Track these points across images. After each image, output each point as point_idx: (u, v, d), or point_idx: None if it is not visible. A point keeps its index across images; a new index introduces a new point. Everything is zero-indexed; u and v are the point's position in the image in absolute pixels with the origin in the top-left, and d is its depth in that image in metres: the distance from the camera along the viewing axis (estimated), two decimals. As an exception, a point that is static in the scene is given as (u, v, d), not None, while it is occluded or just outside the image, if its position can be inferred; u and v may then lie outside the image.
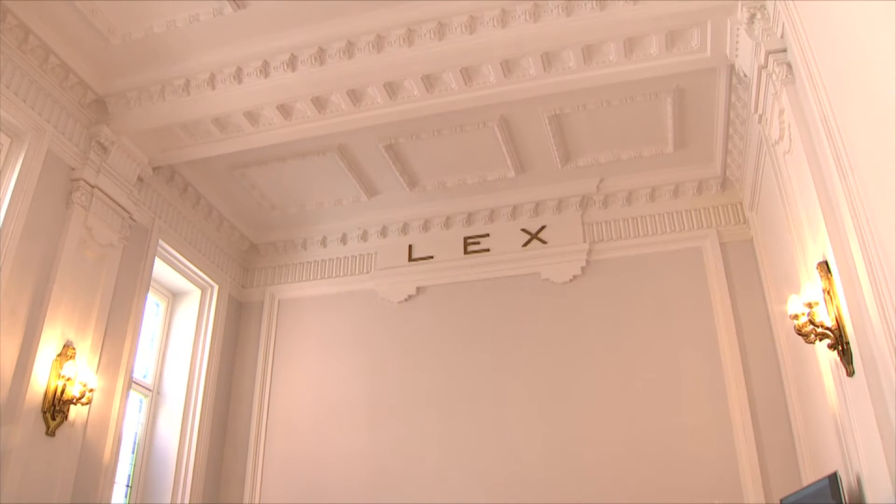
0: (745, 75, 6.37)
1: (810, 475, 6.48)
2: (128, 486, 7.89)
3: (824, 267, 5.04)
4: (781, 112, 5.56)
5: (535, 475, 7.69)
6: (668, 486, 7.26)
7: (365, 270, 9.36)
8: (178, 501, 7.97)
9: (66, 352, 6.47)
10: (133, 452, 8.08)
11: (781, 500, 6.13)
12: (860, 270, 4.44)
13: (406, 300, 9.02)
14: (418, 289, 9.03)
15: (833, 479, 5.06)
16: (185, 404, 8.41)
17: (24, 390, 6.03)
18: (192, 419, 8.37)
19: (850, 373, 4.77)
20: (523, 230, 8.90)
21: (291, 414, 8.84)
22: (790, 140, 5.52)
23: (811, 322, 4.99)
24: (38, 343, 6.22)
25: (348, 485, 8.20)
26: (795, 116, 5.29)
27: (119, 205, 7.32)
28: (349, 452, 8.37)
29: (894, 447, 4.22)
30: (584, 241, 8.59)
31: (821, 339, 4.99)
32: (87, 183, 6.98)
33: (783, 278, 6.80)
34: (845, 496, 4.92)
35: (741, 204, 8.19)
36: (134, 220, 7.60)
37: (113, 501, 7.16)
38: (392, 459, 8.20)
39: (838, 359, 4.91)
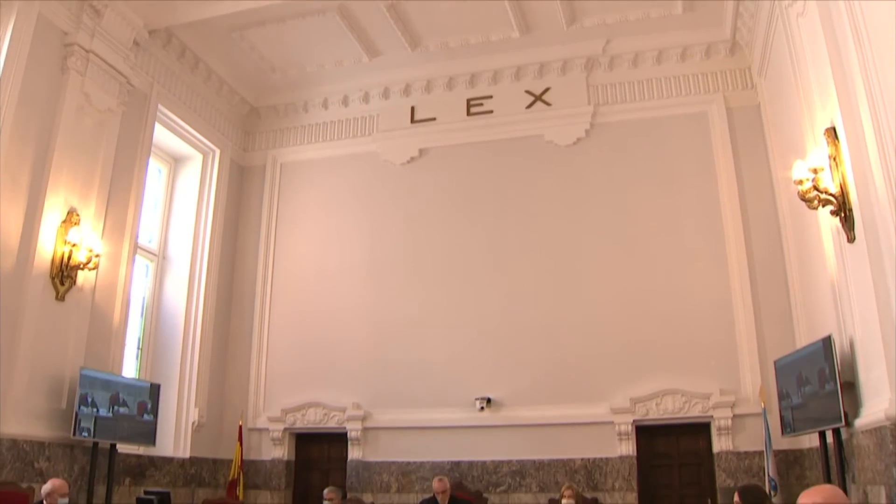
0: (761, -70, 6.11)
1: (805, 339, 6.62)
2: (138, 347, 8.11)
3: (832, 133, 4.99)
4: (796, -29, 5.38)
5: (537, 332, 7.89)
6: (666, 344, 7.48)
7: (367, 132, 9.29)
8: (188, 360, 8.23)
9: (71, 218, 6.51)
10: (142, 315, 8.27)
11: (775, 362, 6.31)
12: (868, 137, 4.40)
13: (408, 162, 9.00)
14: (421, 150, 8.98)
15: (827, 342, 5.19)
16: (191, 267, 8.56)
17: (31, 257, 6.12)
18: (199, 282, 8.54)
19: (851, 239, 4.80)
20: (527, 92, 8.76)
21: (295, 273, 8.99)
22: (804, 1, 5.35)
23: (815, 188, 4.98)
24: (41, 210, 6.26)
25: (349, 339, 8.46)
26: (811, -25, 5.12)
27: (116, 69, 7.18)
28: (351, 309, 8.57)
29: (890, 311, 4.30)
30: (589, 104, 8.48)
31: (824, 206, 5.00)
32: (82, 48, 6.81)
33: (789, 144, 6.74)
34: (837, 359, 5.06)
35: (749, 69, 8.03)
36: (132, 85, 7.48)
37: (124, 362, 7.39)
38: (394, 316, 8.41)
39: (840, 225, 4.94)
